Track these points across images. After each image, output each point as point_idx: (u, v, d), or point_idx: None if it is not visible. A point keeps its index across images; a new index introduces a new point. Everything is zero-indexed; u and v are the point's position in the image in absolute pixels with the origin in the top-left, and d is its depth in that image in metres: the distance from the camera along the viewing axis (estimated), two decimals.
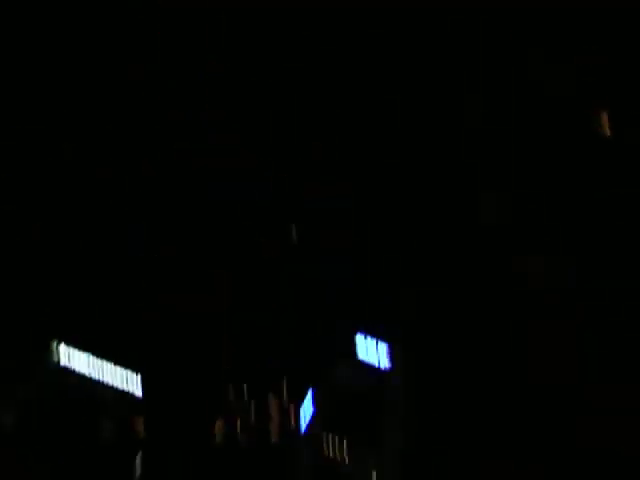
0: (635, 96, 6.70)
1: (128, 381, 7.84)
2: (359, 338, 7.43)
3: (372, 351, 7.48)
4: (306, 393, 7.49)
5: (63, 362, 7.97)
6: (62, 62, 7.56)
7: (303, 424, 7.46)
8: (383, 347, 7.40)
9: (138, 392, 7.75)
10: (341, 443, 7.27)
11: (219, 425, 7.48)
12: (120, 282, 7.93)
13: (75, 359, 7.98)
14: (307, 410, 7.55)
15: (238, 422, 7.46)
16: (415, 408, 6.98)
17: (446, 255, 7.34)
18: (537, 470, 6.54)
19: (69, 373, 7.92)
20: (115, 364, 7.84)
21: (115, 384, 7.83)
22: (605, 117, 6.65)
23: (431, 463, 6.75)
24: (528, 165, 7.02)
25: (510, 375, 6.90)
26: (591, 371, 6.67)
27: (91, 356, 7.91)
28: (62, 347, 7.99)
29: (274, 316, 7.72)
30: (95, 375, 7.89)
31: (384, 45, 7.13)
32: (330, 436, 7.30)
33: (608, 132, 6.64)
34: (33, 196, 7.91)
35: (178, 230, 7.92)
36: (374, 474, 7.14)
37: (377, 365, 7.39)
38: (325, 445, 7.36)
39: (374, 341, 7.37)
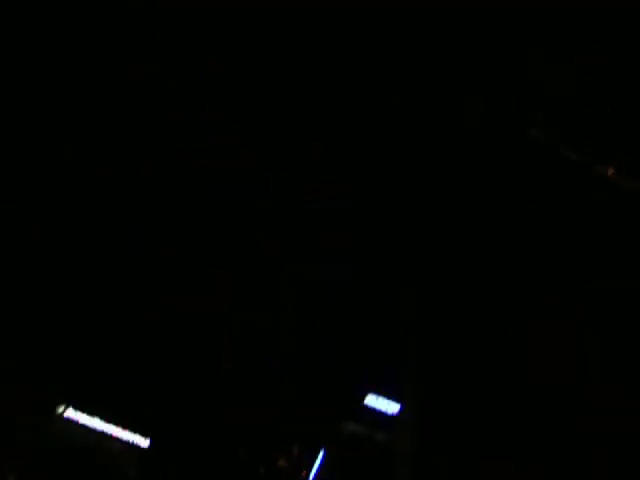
0: (635, 96, 6.70)
1: (138, 437, 7.68)
2: (369, 395, 7.41)
3: (382, 401, 7.46)
4: (315, 443, 7.43)
5: (70, 416, 7.77)
6: (62, 62, 7.56)
7: (312, 473, 7.41)
8: (394, 402, 7.37)
9: (148, 448, 7.61)
10: None
11: None
12: (120, 282, 7.93)
13: (82, 414, 7.79)
14: (315, 457, 7.49)
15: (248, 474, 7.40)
16: (426, 455, 6.88)
17: (446, 255, 7.34)
18: (537, 470, 6.53)
19: (76, 427, 7.73)
20: (124, 427, 7.70)
21: (125, 438, 7.66)
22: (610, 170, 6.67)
23: None
24: (528, 165, 7.02)
25: (510, 375, 6.90)
26: (591, 371, 6.67)
27: (98, 416, 7.73)
28: (68, 403, 7.79)
29: (274, 316, 7.72)
30: (104, 429, 7.70)
31: (384, 45, 7.12)
32: None
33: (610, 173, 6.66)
34: (33, 196, 7.92)
35: (178, 230, 7.92)
36: None
37: (386, 412, 7.37)
38: None
39: (385, 399, 7.35)
